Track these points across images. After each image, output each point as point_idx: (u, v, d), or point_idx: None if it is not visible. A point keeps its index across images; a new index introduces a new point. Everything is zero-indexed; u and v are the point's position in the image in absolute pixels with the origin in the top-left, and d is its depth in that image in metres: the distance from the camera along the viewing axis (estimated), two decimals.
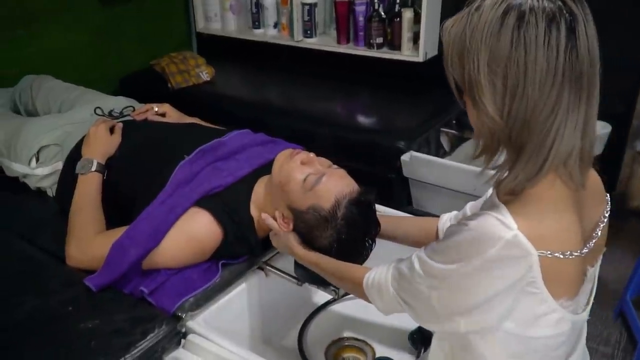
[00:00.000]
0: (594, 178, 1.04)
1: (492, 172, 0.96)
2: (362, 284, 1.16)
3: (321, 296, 1.65)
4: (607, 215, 1.05)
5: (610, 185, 2.42)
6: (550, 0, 0.84)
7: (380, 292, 1.11)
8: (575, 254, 0.91)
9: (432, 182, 2.13)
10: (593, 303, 1.04)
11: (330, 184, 1.33)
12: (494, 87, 0.86)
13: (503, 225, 0.87)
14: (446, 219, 1.37)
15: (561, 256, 0.88)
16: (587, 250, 0.95)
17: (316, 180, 1.33)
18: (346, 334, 1.62)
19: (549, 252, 0.87)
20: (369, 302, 1.17)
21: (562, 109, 0.85)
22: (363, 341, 1.60)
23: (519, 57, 0.83)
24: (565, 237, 0.91)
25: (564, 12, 0.83)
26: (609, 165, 2.42)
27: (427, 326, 1.11)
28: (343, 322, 1.64)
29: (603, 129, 2.29)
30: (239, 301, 1.50)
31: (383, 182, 2.24)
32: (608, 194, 1.08)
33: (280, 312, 1.62)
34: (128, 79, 2.98)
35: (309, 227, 1.34)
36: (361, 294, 1.18)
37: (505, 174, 0.93)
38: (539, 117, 0.85)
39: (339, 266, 1.28)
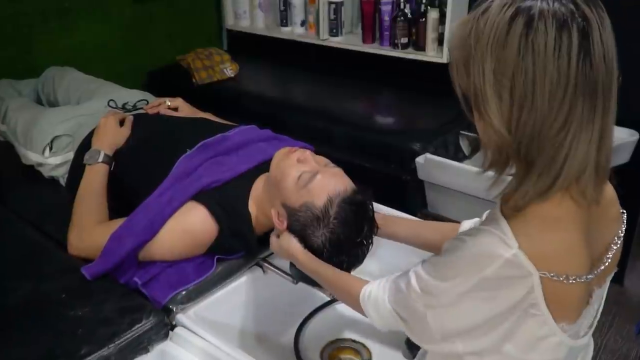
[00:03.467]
0: (610, 192, 0.97)
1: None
2: (358, 297, 1.13)
3: (320, 296, 1.63)
4: (621, 235, 0.98)
5: (637, 196, 2.33)
6: (561, 4, 0.77)
7: (377, 307, 1.08)
8: (580, 280, 0.84)
9: (447, 185, 2.09)
10: (615, 315, 0.98)
11: (324, 182, 1.32)
12: (500, 99, 0.80)
13: (503, 242, 0.83)
14: (467, 227, 1.30)
15: (564, 281, 0.83)
16: (592, 277, 0.89)
17: (310, 177, 1.32)
18: (343, 336, 1.60)
19: (551, 274, 0.82)
20: (365, 316, 1.14)
21: (576, 122, 0.79)
22: (360, 343, 1.58)
23: (527, 66, 0.77)
24: (570, 259, 0.85)
25: (576, 16, 0.76)
26: (636, 175, 2.32)
27: (424, 346, 1.04)
28: (341, 323, 1.62)
29: (630, 136, 2.19)
30: (234, 297, 1.50)
31: (398, 184, 2.21)
32: (624, 211, 1.00)
33: (277, 310, 1.61)
34: (155, 74, 3.03)
35: (301, 225, 1.33)
36: (358, 307, 1.16)
37: (514, 189, 0.87)
38: (549, 131, 0.79)
39: (338, 276, 1.25)
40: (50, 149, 1.83)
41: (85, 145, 1.74)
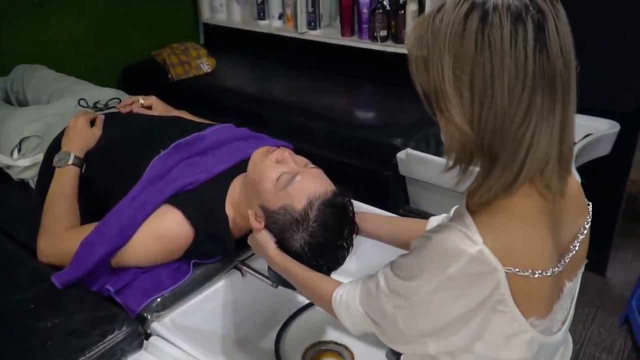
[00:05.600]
0: (574, 185, 0.98)
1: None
2: (330, 301, 1.12)
3: (301, 298, 1.60)
4: (587, 226, 0.98)
5: (619, 187, 2.33)
6: None
7: (349, 310, 1.07)
8: (546, 273, 0.85)
9: (428, 181, 2.06)
10: (598, 307, 0.98)
11: (303, 184, 1.27)
12: (460, 95, 0.80)
13: (467, 238, 0.82)
14: (434, 223, 1.30)
15: (530, 275, 0.83)
16: (560, 269, 0.89)
17: (289, 179, 1.27)
18: (325, 338, 1.57)
19: (517, 269, 0.82)
20: (337, 318, 1.12)
21: (536, 115, 0.79)
22: (342, 345, 1.55)
23: (485, 61, 0.77)
24: (536, 253, 0.85)
25: (531, 9, 0.76)
26: (617, 166, 2.31)
27: (397, 348, 1.03)
28: (323, 325, 1.59)
29: (611, 127, 2.17)
30: (212, 302, 1.46)
31: (379, 180, 2.18)
32: (590, 203, 1.02)
33: (257, 314, 1.57)
34: (130, 69, 2.96)
35: (280, 228, 1.28)
36: (330, 310, 1.14)
37: (479, 184, 0.87)
38: (510, 125, 0.79)
39: (309, 277, 1.22)
40: (19, 150, 1.76)
41: (55, 146, 1.67)
